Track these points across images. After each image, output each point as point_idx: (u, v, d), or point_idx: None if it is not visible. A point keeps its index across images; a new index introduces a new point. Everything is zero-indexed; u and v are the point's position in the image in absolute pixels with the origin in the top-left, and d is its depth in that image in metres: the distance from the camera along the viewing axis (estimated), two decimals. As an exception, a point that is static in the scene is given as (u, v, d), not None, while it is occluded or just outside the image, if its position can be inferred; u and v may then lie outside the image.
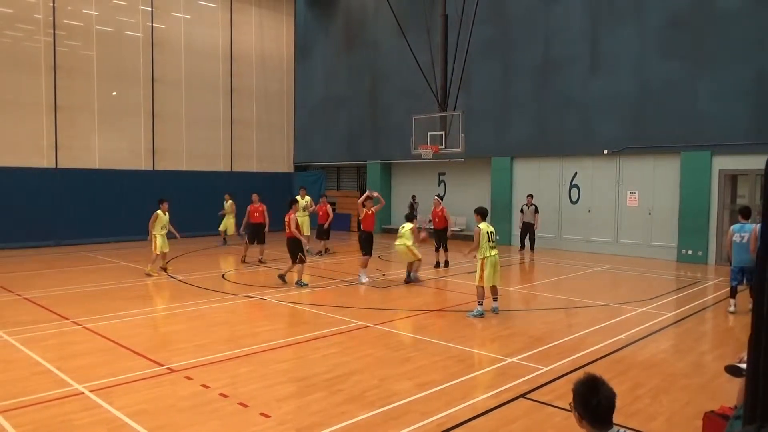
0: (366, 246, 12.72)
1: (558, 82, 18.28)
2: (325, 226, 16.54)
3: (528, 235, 17.42)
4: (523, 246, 17.61)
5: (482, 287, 9.47)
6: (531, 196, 17.56)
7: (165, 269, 13.54)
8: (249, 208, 15.81)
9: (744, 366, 3.66)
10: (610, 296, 11.16)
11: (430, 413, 5.37)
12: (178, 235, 13.80)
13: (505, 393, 5.93)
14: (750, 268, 9.36)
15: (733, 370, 3.60)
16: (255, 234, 15.68)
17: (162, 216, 13.25)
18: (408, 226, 12.67)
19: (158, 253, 13.09)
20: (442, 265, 14.68)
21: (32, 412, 5.37)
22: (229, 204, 19.09)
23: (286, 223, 12.12)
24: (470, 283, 13.10)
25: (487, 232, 9.57)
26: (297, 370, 6.70)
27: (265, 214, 15.85)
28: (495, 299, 9.67)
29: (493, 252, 9.50)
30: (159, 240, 13.05)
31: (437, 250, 14.81)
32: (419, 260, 12.49)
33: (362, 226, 12.98)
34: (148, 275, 12.87)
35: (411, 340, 8.04)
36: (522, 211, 17.60)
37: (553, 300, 10.96)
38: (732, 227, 10.02)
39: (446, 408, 5.50)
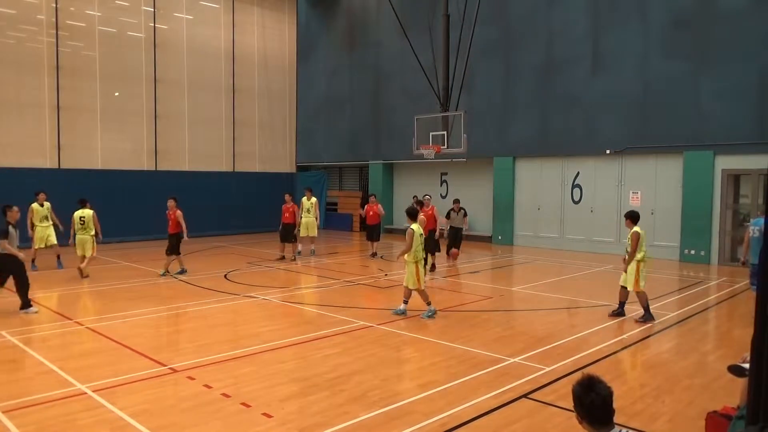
0: None
1: (560, 82, 18.27)
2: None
3: (457, 239, 15.78)
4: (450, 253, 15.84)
5: (424, 290, 9.35)
6: (458, 201, 16.24)
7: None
8: (282, 207, 15.89)
9: (747, 366, 3.65)
10: (612, 296, 11.09)
11: (433, 413, 5.37)
12: (61, 227, 14.06)
13: (508, 393, 5.93)
14: None
15: (736, 370, 3.59)
16: (286, 233, 15.72)
17: (39, 208, 13.69)
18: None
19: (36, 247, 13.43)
20: (428, 268, 13.68)
21: (35, 412, 5.39)
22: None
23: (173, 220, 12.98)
24: (473, 284, 13.15)
25: (420, 234, 9.34)
26: (299, 370, 6.71)
27: (297, 214, 15.94)
28: (405, 302, 9.46)
29: (423, 254, 9.38)
30: (38, 231, 13.60)
31: (429, 253, 13.75)
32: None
33: None
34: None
35: (413, 340, 8.04)
36: (449, 216, 15.87)
37: (555, 300, 10.95)
38: (752, 221, 10.00)
39: (448, 408, 5.50)
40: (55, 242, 14.15)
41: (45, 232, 13.93)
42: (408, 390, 6.03)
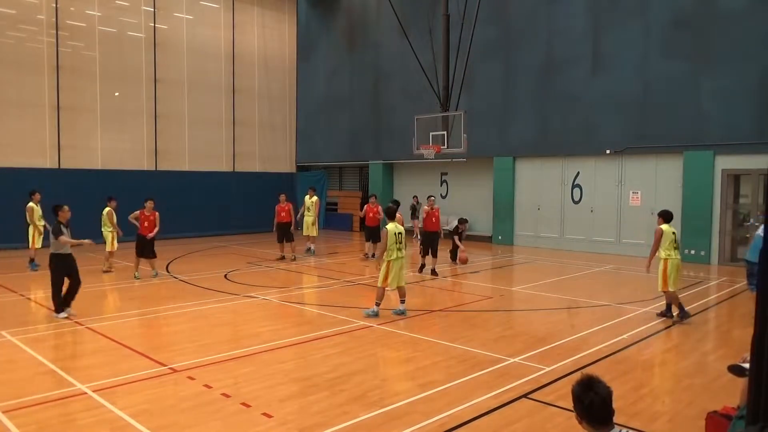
0: None
1: (560, 81, 18.26)
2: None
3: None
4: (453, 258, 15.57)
5: (384, 289, 9.26)
6: (465, 221, 16.10)
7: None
8: (276, 207, 15.98)
9: (747, 366, 3.65)
10: (612, 296, 11.14)
11: (432, 413, 5.37)
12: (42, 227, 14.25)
13: (507, 393, 5.93)
14: None
15: (736, 370, 3.60)
16: (282, 232, 15.77)
17: (36, 207, 13.95)
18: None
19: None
20: (429, 272, 13.50)
21: (35, 412, 5.38)
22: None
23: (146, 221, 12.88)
24: (473, 284, 13.16)
25: (395, 233, 9.23)
26: (299, 370, 6.71)
27: (292, 212, 15.95)
28: (402, 301, 9.45)
29: (401, 254, 9.26)
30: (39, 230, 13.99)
31: (426, 254, 13.68)
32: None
33: None
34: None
35: (413, 340, 8.04)
36: (459, 232, 15.59)
37: (555, 300, 10.95)
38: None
39: (448, 408, 5.50)
40: None
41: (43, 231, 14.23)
42: (408, 390, 6.03)
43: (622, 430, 2.89)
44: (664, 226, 9.22)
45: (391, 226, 9.29)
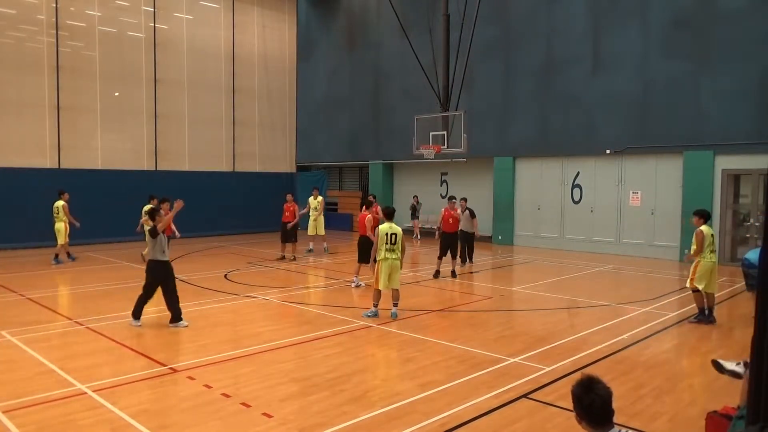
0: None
1: (560, 81, 18.26)
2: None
3: (467, 245, 14.97)
4: (464, 260, 14.95)
5: (378, 290, 9.17)
6: (465, 200, 15.22)
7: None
8: (284, 206, 16.06)
9: (727, 365, 3.73)
10: (612, 296, 11.14)
11: (433, 413, 5.37)
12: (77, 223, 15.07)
13: (508, 393, 5.93)
14: None
15: (716, 366, 3.63)
16: (285, 233, 15.81)
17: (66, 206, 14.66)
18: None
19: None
20: (450, 274, 13.34)
21: (35, 412, 5.39)
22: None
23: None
24: (473, 284, 13.16)
25: (387, 234, 9.05)
26: (299, 370, 6.71)
27: (296, 213, 15.99)
28: (395, 304, 9.28)
29: (391, 255, 9.07)
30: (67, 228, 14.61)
31: (443, 257, 13.35)
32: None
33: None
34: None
35: (413, 340, 8.04)
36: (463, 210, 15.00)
37: (555, 300, 10.95)
38: None
39: (448, 408, 5.50)
40: None
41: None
42: (408, 390, 6.03)
43: (622, 430, 2.90)
44: (704, 228, 8.90)
45: (384, 226, 9.19)
